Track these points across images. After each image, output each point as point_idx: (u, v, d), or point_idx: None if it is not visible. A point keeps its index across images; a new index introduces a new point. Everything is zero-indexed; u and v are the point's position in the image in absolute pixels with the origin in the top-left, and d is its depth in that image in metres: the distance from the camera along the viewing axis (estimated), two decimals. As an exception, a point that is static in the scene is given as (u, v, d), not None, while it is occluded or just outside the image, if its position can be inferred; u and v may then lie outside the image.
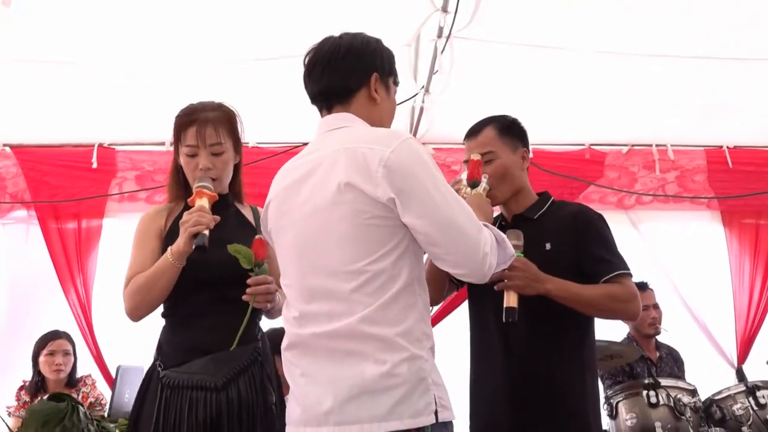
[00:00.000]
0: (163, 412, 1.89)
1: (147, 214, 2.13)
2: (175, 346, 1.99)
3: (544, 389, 2.03)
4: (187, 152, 2.04)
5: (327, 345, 1.57)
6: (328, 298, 1.58)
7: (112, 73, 3.60)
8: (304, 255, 1.64)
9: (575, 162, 4.54)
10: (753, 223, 4.71)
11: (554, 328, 2.06)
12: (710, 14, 3.27)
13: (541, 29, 3.38)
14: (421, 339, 1.57)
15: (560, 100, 3.93)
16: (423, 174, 1.57)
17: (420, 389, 1.52)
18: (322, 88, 1.76)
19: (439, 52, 3.45)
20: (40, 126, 4.18)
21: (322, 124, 1.77)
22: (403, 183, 1.54)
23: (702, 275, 4.58)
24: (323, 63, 1.76)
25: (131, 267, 2.02)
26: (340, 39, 1.78)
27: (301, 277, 1.64)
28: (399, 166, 1.55)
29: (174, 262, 1.91)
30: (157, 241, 2.03)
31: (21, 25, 3.19)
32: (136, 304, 1.98)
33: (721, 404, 3.16)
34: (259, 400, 1.97)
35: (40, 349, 3.75)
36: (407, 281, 1.57)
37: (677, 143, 4.62)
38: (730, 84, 3.82)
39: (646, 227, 4.67)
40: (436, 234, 1.56)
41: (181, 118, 2.08)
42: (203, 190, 1.95)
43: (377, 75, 1.76)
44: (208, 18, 3.26)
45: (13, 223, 4.39)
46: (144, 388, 2.00)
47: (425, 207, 1.55)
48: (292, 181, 1.71)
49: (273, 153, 4.31)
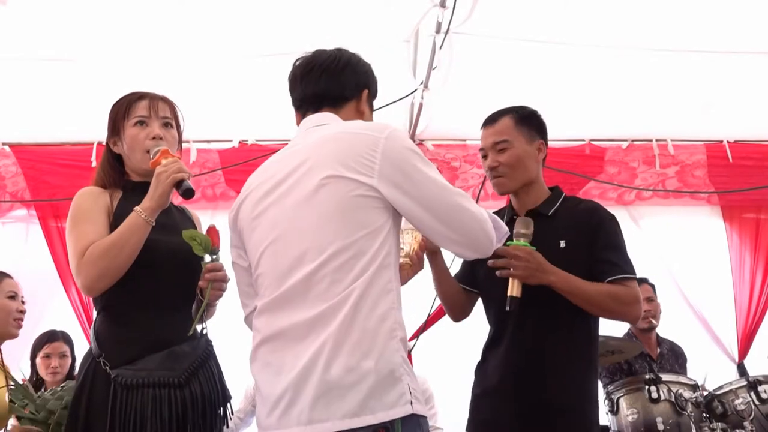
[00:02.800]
0: (121, 413, 1.76)
1: (87, 192, 1.96)
2: (120, 341, 1.85)
3: (548, 382, 2.03)
4: (137, 121, 1.97)
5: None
6: (304, 282, 1.54)
7: (110, 71, 3.60)
8: (282, 239, 1.60)
9: (575, 157, 4.54)
10: (753, 217, 4.71)
11: (563, 323, 2.07)
12: (710, 8, 3.26)
13: (540, 24, 3.38)
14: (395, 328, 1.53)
15: (560, 95, 3.92)
16: (418, 160, 1.60)
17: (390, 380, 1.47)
18: (319, 91, 1.80)
19: (438, 48, 3.44)
20: (39, 125, 4.18)
21: (306, 121, 1.79)
22: (401, 169, 1.57)
23: (702, 270, 4.57)
24: (323, 68, 1.81)
25: (84, 237, 1.83)
26: (339, 51, 1.86)
27: (274, 262, 1.60)
28: (395, 153, 1.58)
29: (147, 217, 1.80)
30: (106, 217, 1.90)
31: (19, 23, 3.18)
32: (101, 271, 1.78)
33: (722, 399, 3.15)
34: (218, 394, 1.93)
35: (37, 350, 3.73)
36: (387, 264, 1.55)
37: (677, 138, 4.61)
38: (731, 78, 3.81)
39: (646, 222, 4.66)
40: (443, 216, 1.59)
41: (127, 97, 2.02)
42: (168, 150, 1.89)
43: (368, 92, 1.85)
44: (208, 16, 3.25)
45: (13, 222, 4.40)
46: (88, 387, 1.83)
47: (429, 192, 1.58)
48: (271, 175, 1.70)
49: (272, 150, 4.28)
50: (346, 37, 3.46)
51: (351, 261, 1.52)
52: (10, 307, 2.49)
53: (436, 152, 4.54)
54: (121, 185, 2.00)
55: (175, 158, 1.88)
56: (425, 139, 4.52)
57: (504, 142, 2.18)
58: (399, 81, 3.77)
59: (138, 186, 1.98)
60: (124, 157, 2.02)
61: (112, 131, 2.02)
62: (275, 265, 1.60)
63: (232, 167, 4.29)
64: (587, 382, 2.11)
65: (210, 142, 4.35)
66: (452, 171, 4.54)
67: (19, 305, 2.52)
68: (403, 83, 3.80)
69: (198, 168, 4.31)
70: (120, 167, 2.03)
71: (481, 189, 3.86)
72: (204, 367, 1.91)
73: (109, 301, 1.88)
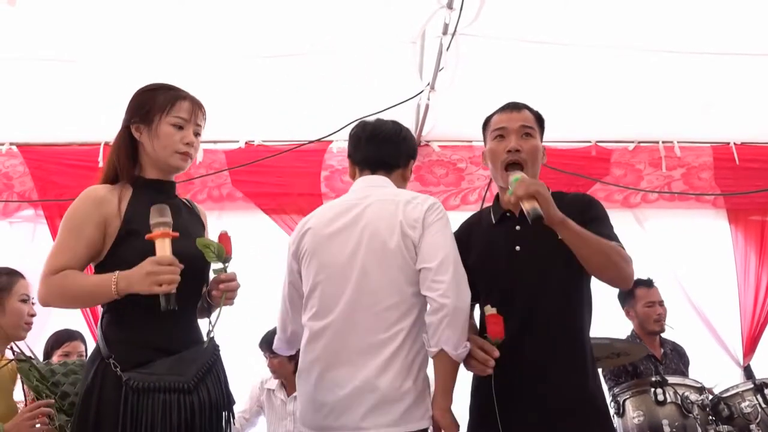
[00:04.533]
0: (131, 417, 1.77)
1: (90, 196, 1.91)
2: (130, 344, 1.85)
3: (546, 389, 2.01)
4: (176, 123, 1.95)
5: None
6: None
7: (118, 71, 3.60)
8: (359, 279, 1.99)
9: (581, 159, 4.53)
10: (759, 220, 4.69)
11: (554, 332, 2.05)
12: (717, 10, 3.25)
13: (547, 25, 3.38)
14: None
15: (566, 96, 3.92)
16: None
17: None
18: (380, 156, 2.22)
19: (445, 49, 3.44)
20: (46, 125, 4.19)
21: (366, 179, 2.21)
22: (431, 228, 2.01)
23: (707, 273, 4.56)
24: (387, 137, 2.24)
25: (62, 252, 1.85)
26: (397, 124, 2.30)
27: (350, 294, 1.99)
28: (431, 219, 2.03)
29: (117, 295, 1.78)
30: (97, 231, 1.87)
31: (27, 24, 3.20)
32: (53, 300, 1.85)
33: (728, 402, 3.14)
34: (224, 399, 1.94)
35: (54, 348, 3.71)
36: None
37: (684, 139, 4.61)
38: (738, 79, 3.81)
39: (652, 225, 4.65)
40: (444, 268, 1.94)
41: (171, 90, 2.00)
42: (167, 231, 1.80)
43: (413, 161, 2.29)
44: (214, 16, 3.26)
45: (21, 222, 4.41)
46: (98, 388, 1.82)
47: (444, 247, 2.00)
48: (336, 215, 2.10)
49: (278, 151, 4.31)
50: (354, 39, 3.49)
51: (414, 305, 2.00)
52: (23, 310, 2.50)
53: (442, 153, 4.54)
54: (132, 180, 1.97)
55: (171, 258, 1.77)
56: (431, 140, 4.52)
57: (531, 129, 2.20)
58: (405, 82, 3.77)
59: (149, 184, 1.98)
60: (144, 146, 1.98)
61: (143, 118, 1.97)
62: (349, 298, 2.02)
63: (239, 168, 4.30)
64: (593, 379, 2.10)
65: (216, 142, 4.35)
66: (458, 172, 4.54)
67: (30, 309, 2.53)
68: (409, 84, 3.81)
69: (204, 168, 4.32)
70: (135, 155, 1.99)
71: (486, 190, 3.86)
72: (211, 373, 1.92)
73: (117, 302, 1.86)
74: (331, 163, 4.42)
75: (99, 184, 1.98)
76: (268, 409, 3.98)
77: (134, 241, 1.86)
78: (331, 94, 3.85)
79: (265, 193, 4.41)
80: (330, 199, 4.43)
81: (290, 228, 4.40)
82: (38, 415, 2.19)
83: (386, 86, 3.78)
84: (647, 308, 3.86)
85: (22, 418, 2.19)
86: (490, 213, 2.27)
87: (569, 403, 2.00)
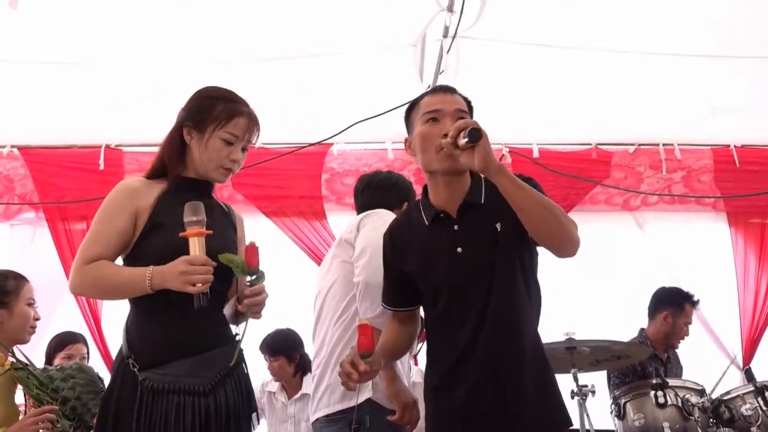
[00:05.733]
0: (146, 418, 1.76)
1: (125, 187, 1.92)
2: (151, 343, 1.84)
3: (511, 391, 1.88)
4: (227, 138, 1.91)
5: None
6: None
7: (118, 74, 3.62)
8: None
9: (581, 162, 4.54)
10: (759, 222, 4.69)
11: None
12: (716, 12, 3.26)
13: (547, 28, 3.38)
14: None
15: (567, 99, 3.93)
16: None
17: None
18: (372, 202, 2.60)
19: (445, 52, 3.45)
20: (47, 127, 4.20)
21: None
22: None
23: (707, 276, 4.55)
24: (378, 185, 2.67)
25: (94, 240, 1.85)
26: (390, 173, 2.76)
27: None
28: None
29: (151, 290, 1.78)
30: (129, 222, 1.86)
31: (28, 27, 3.20)
32: (86, 291, 1.90)
33: (729, 404, 3.14)
34: (244, 404, 1.89)
35: (57, 350, 3.70)
36: None
37: (684, 142, 4.61)
38: (738, 82, 3.81)
39: (652, 227, 4.65)
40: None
41: (231, 103, 1.96)
42: (201, 229, 1.78)
43: (407, 204, 2.55)
44: (215, 19, 3.27)
45: (21, 225, 4.42)
46: (117, 388, 1.83)
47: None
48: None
49: (279, 153, 4.31)
50: (354, 41, 3.50)
51: None
52: (29, 314, 2.50)
53: (443, 156, 4.54)
54: (171, 177, 1.95)
55: (205, 258, 1.77)
56: (431, 142, 4.52)
57: (465, 113, 1.96)
58: (406, 85, 3.77)
59: (186, 182, 1.95)
60: (191, 150, 1.95)
61: (196, 124, 1.94)
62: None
63: (239, 170, 4.29)
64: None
65: (217, 144, 4.35)
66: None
67: (35, 313, 2.53)
68: (410, 87, 3.80)
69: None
70: (183, 155, 1.97)
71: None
72: (231, 376, 1.88)
73: (141, 300, 1.84)
74: (332, 165, 4.41)
75: (137, 177, 1.98)
76: (269, 412, 3.98)
77: (157, 235, 1.86)
78: (331, 96, 3.86)
79: (265, 195, 4.42)
80: (331, 201, 4.44)
81: (290, 230, 4.41)
82: (42, 420, 2.18)
83: (387, 89, 3.78)
84: (684, 326, 3.87)
85: (25, 423, 2.18)
86: (420, 213, 2.01)
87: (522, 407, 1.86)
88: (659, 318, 3.88)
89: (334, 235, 4.20)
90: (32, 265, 4.24)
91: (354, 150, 4.44)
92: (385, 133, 4.32)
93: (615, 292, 4.34)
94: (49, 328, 3.89)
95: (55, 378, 2.35)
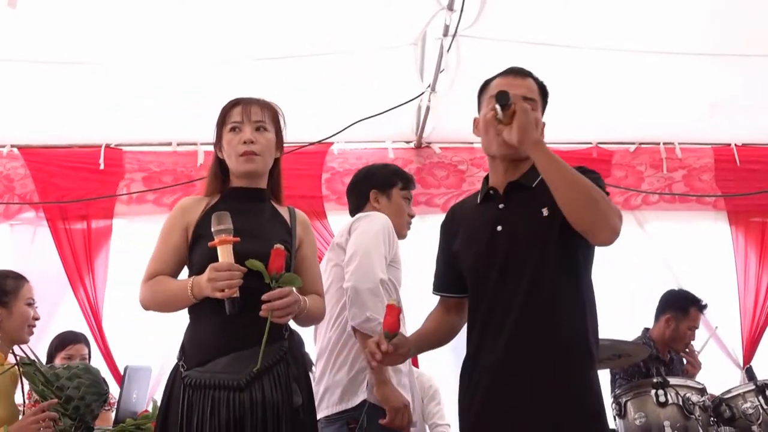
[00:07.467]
0: (187, 413, 1.85)
1: (179, 206, 2.10)
2: (197, 343, 1.94)
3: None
4: (231, 127, 2.03)
5: None
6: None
7: (118, 73, 3.61)
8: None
9: (582, 161, 4.50)
10: (760, 221, 4.70)
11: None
12: (717, 11, 3.26)
13: (548, 27, 3.38)
14: None
15: (567, 98, 3.90)
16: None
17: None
18: (350, 204, 2.81)
19: (445, 51, 3.45)
20: (47, 127, 4.20)
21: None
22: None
23: (708, 275, 4.55)
24: (352, 185, 2.81)
25: (154, 259, 2.03)
26: (365, 168, 2.87)
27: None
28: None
29: (193, 299, 1.91)
30: (181, 237, 2.02)
31: (27, 26, 3.20)
32: (148, 306, 2.03)
33: (730, 403, 3.14)
34: (284, 400, 1.88)
35: (58, 350, 3.69)
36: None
37: (685, 141, 4.61)
38: (739, 81, 3.81)
39: (652, 226, 4.66)
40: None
41: (225, 105, 2.10)
42: (226, 237, 1.86)
43: (390, 188, 2.71)
44: (215, 18, 3.27)
45: (21, 224, 4.41)
46: (169, 389, 1.95)
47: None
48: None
49: (279, 153, 4.31)
50: (355, 40, 3.50)
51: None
52: (29, 314, 2.51)
53: (443, 155, 4.55)
54: (221, 191, 2.09)
55: (229, 263, 1.84)
56: (432, 141, 4.53)
57: (532, 101, 1.95)
58: (406, 84, 3.78)
59: (234, 192, 2.06)
60: (226, 162, 2.08)
61: (217, 135, 2.10)
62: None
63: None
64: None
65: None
66: (459, 174, 4.54)
67: (35, 313, 2.54)
68: (410, 86, 3.81)
69: (205, 170, 4.30)
70: (224, 173, 2.10)
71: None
72: (271, 372, 1.89)
73: (193, 308, 1.98)
74: (332, 164, 4.41)
75: (193, 195, 2.20)
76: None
77: (200, 245, 1.98)
78: (331, 95, 3.86)
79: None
80: (331, 201, 4.44)
81: (291, 230, 4.40)
82: (44, 418, 2.19)
83: (387, 88, 3.78)
84: (689, 330, 3.83)
85: (27, 422, 2.19)
86: (478, 194, 2.06)
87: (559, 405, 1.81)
88: (662, 320, 3.86)
89: (335, 234, 4.19)
90: (32, 265, 4.25)
91: (354, 149, 4.44)
92: (385, 132, 4.32)
93: (615, 291, 4.34)
94: (50, 328, 3.89)
95: (62, 376, 2.37)
